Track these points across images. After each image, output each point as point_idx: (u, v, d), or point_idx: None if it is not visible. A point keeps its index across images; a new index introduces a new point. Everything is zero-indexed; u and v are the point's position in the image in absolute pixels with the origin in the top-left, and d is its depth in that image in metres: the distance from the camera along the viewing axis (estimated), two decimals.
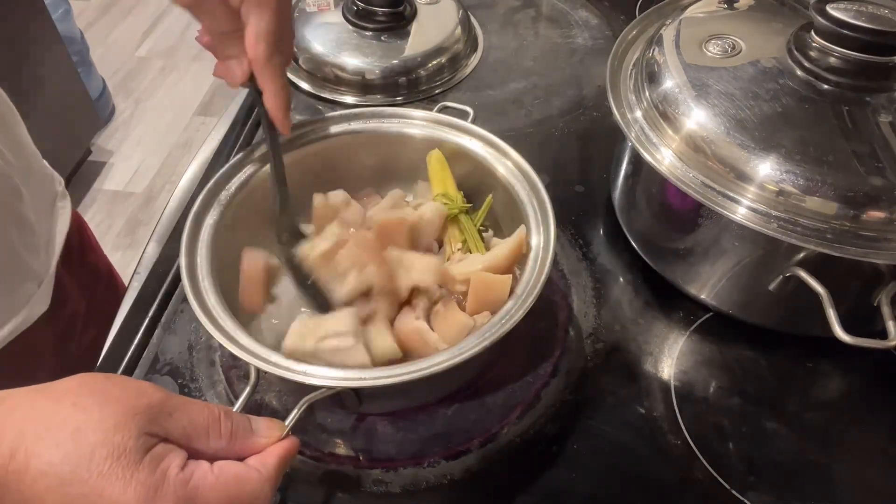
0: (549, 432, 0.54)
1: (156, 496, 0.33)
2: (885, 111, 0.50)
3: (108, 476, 0.32)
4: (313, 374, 0.44)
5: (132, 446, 0.33)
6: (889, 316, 0.49)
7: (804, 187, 0.48)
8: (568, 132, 0.80)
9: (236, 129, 0.79)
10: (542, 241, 0.52)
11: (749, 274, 0.56)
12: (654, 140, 0.56)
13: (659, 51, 0.59)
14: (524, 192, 0.55)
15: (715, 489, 0.51)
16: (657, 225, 0.62)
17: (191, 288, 0.48)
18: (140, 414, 0.34)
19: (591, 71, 0.88)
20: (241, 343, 0.46)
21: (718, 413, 0.55)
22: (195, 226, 0.53)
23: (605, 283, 0.64)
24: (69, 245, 0.76)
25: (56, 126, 1.87)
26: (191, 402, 0.37)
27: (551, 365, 0.58)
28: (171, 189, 1.21)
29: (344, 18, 0.84)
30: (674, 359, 0.59)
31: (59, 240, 0.72)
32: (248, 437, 0.39)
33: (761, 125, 0.51)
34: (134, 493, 0.32)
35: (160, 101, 2.39)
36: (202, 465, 0.36)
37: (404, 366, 0.44)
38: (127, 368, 0.58)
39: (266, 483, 0.37)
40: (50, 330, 0.72)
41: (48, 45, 1.82)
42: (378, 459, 0.52)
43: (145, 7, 2.78)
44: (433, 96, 0.83)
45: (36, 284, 0.67)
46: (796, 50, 0.54)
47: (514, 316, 0.46)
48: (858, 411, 0.57)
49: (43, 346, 0.72)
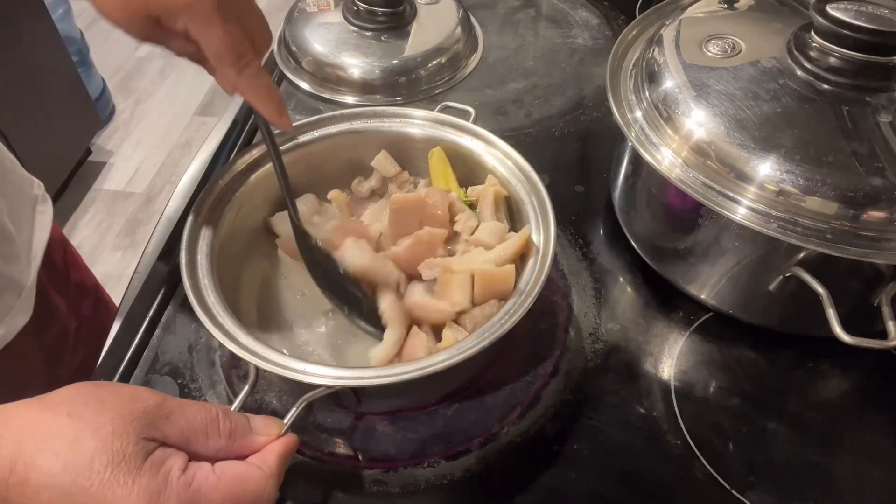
0: (549, 432, 0.54)
1: (159, 500, 0.33)
2: (885, 111, 0.50)
3: (110, 484, 0.32)
4: (312, 373, 0.44)
5: (131, 452, 0.33)
6: (889, 316, 0.49)
7: (804, 187, 0.48)
8: (568, 132, 0.80)
9: (236, 129, 0.79)
10: (543, 240, 0.52)
11: (749, 274, 0.56)
12: (654, 140, 0.56)
13: (659, 51, 0.59)
14: (524, 191, 0.55)
15: (715, 489, 0.51)
16: (657, 225, 0.62)
17: (191, 287, 0.48)
18: (137, 419, 0.34)
19: (591, 71, 0.88)
20: (241, 342, 0.46)
21: (718, 413, 0.55)
22: (195, 225, 0.53)
23: (605, 283, 0.64)
24: (53, 261, 0.74)
25: (56, 126, 1.87)
26: (187, 403, 0.37)
27: (551, 365, 0.58)
28: (171, 189, 1.21)
29: (344, 18, 0.84)
30: (674, 359, 0.59)
31: (39, 247, 0.70)
32: (247, 436, 0.39)
33: (761, 125, 0.51)
34: (137, 498, 0.32)
35: (160, 101, 2.39)
36: (203, 466, 0.36)
37: (403, 365, 0.45)
38: (127, 368, 0.58)
39: (269, 480, 0.37)
40: (38, 347, 0.70)
41: (48, 45, 1.82)
42: (377, 459, 0.52)
43: None
44: (433, 96, 0.83)
45: (16, 295, 0.64)
46: (796, 50, 0.54)
47: (514, 315, 0.46)
48: (858, 411, 0.57)
49: (32, 364, 0.70)
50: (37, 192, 0.73)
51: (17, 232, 0.66)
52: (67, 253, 0.81)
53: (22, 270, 0.66)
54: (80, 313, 0.78)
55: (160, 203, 2.04)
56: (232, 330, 0.46)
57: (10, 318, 0.64)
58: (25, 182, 0.72)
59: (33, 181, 0.74)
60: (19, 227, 0.67)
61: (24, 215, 0.70)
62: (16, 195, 0.69)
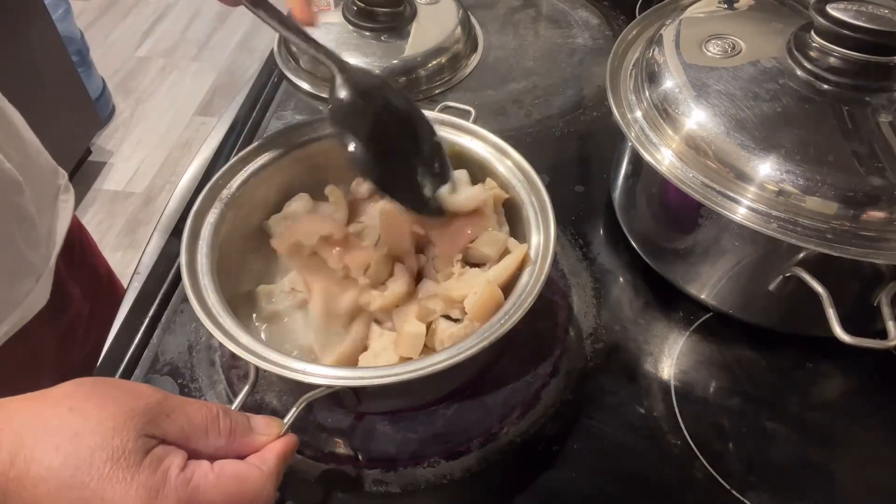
0: (549, 432, 0.54)
1: (157, 497, 0.33)
2: (885, 111, 0.50)
3: (108, 479, 0.32)
4: (312, 373, 0.44)
5: (131, 448, 0.33)
6: (889, 316, 0.49)
7: (804, 187, 0.48)
8: (568, 132, 0.80)
9: (236, 129, 0.79)
10: (543, 241, 0.52)
11: (749, 274, 0.56)
12: (654, 140, 0.56)
13: (659, 51, 0.59)
14: (524, 191, 0.55)
15: (715, 489, 0.51)
16: (657, 225, 0.62)
17: (191, 287, 0.48)
18: (138, 416, 0.34)
19: (591, 71, 0.88)
20: (241, 342, 0.46)
21: (718, 413, 0.55)
22: (195, 225, 0.53)
23: (605, 283, 0.64)
24: (71, 245, 0.76)
25: (56, 126, 1.86)
26: (188, 401, 0.37)
27: (551, 365, 0.58)
28: (171, 189, 1.21)
29: (344, 18, 0.84)
30: (674, 359, 0.59)
31: (60, 234, 0.71)
32: (247, 435, 0.39)
33: (761, 125, 0.51)
34: (136, 495, 0.32)
35: (160, 101, 2.39)
36: (203, 464, 0.36)
37: (403, 365, 0.44)
38: (127, 368, 0.58)
39: (267, 480, 0.37)
40: (52, 333, 0.71)
41: (48, 45, 1.82)
42: (377, 459, 0.52)
43: (145, 7, 2.78)
44: (433, 96, 0.83)
45: (35, 279, 0.66)
46: (796, 50, 0.54)
47: (513, 316, 0.46)
48: (858, 411, 0.57)
49: (46, 349, 0.71)
50: (60, 182, 0.74)
51: (40, 218, 0.67)
52: (84, 239, 0.82)
53: (42, 256, 0.67)
54: (93, 299, 0.80)
55: (160, 203, 2.04)
56: (232, 330, 0.46)
57: (27, 301, 0.65)
58: (50, 170, 0.73)
59: (58, 170, 0.75)
60: (42, 213, 0.68)
61: (47, 203, 0.71)
62: (40, 182, 0.70)
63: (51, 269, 0.68)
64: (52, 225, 0.71)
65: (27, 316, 0.65)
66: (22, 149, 0.67)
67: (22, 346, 0.65)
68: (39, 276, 0.66)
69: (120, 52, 2.56)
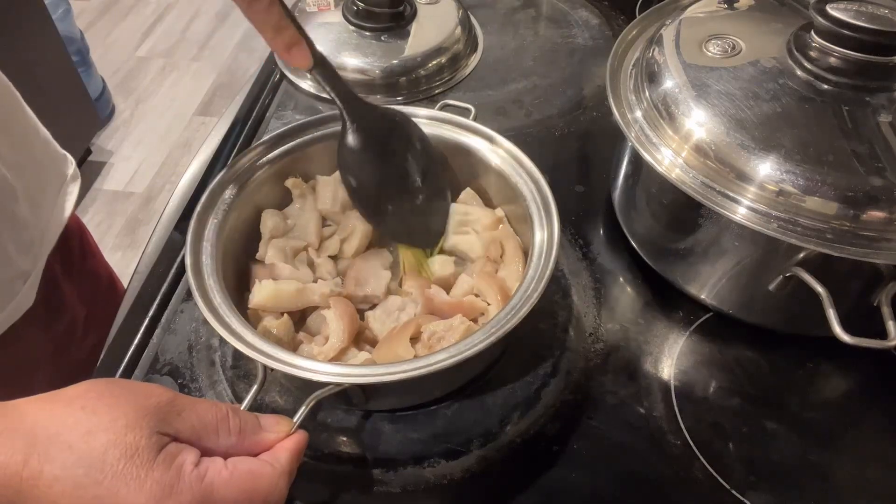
0: (549, 432, 0.54)
1: (171, 494, 0.33)
2: (885, 111, 0.50)
3: (122, 476, 0.32)
4: (321, 371, 0.44)
5: (144, 445, 0.33)
6: (889, 316, 0.49)
7: (804, 187, 0.48)
8: (568, 132, 0.80)
9: (236, 129, 0.79)
10: (546, 238, 0.52)
11: (749, 274, 0.56)
12: (654, 140, 0.56)
13: (659, 51, 0.59)
14: (527, 190, 0.55)
15: (715, 489, 0.51)
16: (657, 225, 0.62)
17: (197, 287, 0.48)
18: (150, 414, 0.34)
19: (591, 71, 0.88)
20: (249, 341, 0.46)
21: (718, 413, 0.55)
22: (199, 225, 0.53)
23: (605, 283, 0.64)
24: (69, 249, 0.74)
25: (56, 126, 1.84)
26: (198, 401, 0.38)
27: (551, 365, 0.58)
28: (171, 189, 1.21)
29: (344, 18, 0.84)
30: (674, 359, 0.59)
31: (55, 231, 0.70)
32: (257, 434, 0.39)
33: (761, 125, 0.51)
34: (150, 491, 0.32)
35: (160, 101, 2.39)
36: (216, 461, 0.36)
37: (410, 362, 0.45)
38: (127, 369, 0.58)
39: (280, 477, 0.37)
40: (47, 338, 0.71)
41: (48, 45, 1.82)
42: (378, 459, 0.52)
43: (145, 7, 2.78)
44: (433, 96, 0.83)
45: (22, 282, 0.64)
46: (796, 50, 0.54)
47: (519, 312, 0.46)
48: (858, 411, 0.57)
49: (39, 351, 0.70)
50: (68, 171, 0.72)
51: (35, 218, 0.66)
52: (84, 241, 0.81)
53: (34, 256, 0.66)
54: (91, 301, 0.79)
55: (160, 203, 2.04)
56: (239, 329, 0.47)
57: (15, 302, 0.64)
58: (58, 160, 0.71)
59: (66, 158, 0.73)
60: (39, 210, 0.66)
61: (48, 197, 0.69)
62: (42, 174, 0.68)
63: (39, 269, 0.67)
64: (49, 222, 0.69)
65: (14, 315, 0.64)
66: (21, 146, 0.65)
67: (12, 348, 0.64)
68: (27, 279, 0.65)
69: (120, 52, 2.56)
